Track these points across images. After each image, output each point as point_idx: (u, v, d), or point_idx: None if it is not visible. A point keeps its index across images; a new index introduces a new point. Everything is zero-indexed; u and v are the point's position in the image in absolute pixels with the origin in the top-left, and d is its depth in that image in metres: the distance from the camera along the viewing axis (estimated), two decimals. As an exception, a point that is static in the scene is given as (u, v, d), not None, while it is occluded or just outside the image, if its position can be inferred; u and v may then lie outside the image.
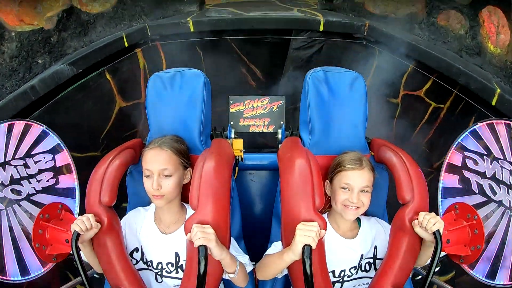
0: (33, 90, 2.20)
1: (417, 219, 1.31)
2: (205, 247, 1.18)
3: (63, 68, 2.31)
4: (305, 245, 1.18)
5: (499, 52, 2.44)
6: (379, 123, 2.78)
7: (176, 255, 1.42)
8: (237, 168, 1.84)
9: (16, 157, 1.65)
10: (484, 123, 1.73)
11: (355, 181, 1.36)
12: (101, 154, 2.61)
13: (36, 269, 1.63)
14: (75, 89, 2.42)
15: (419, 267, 1.52)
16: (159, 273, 1.44)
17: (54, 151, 1.74)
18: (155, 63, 2.82)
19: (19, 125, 1.67)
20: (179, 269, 1.42)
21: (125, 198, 1.63)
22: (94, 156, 2.57)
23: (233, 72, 2.98)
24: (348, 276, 1.45)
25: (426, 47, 2.57)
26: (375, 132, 2.74)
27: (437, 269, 1.28)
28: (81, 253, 1.35)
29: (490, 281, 1.64)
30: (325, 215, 1.50)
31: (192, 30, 2.71)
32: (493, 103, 2.30)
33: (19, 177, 1.64)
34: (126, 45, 2.62)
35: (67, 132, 2.19)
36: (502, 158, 1.68)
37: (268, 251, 1.43)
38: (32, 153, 1.69)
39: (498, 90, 2.28)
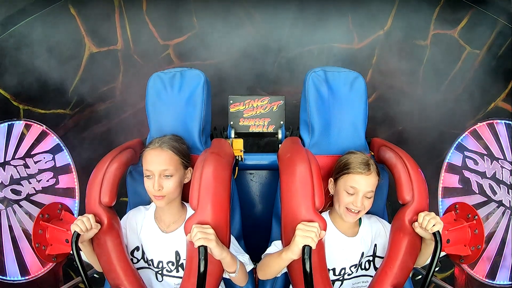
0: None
1: (417, 220, 1.31)
2: (205, 247, 1.18)
3: None
4: (305, 245, 1.18)
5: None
6: (403, 73, 2.49)
7: (177, 253, 1.42)
8: (237, 168, 1.84)
9: (16, 157, 1.65)
10: (484, 123, 1.74)
11: (361, 186, 1.35)
12: (71, 112, 2.33)
13: (36, 269, 1.64)
14: (31, 24, 2.06)
15: (419, 267, 1.52)
16: (160, 272, 1.44)
17: (54, 151, 1.75)
18: (133, 1, 2.40)
19: (19, 125, 1.68)
20: (179, 268, 1.42)
21: (124, 192, 1.62)
22: (63, 114, 2.25)
23: (228, 17, 2.54)
24: (348, 274, 1.45)
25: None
26: (399, 85, 2.46)
27: (437, 269, 1.28)
28: (81, 253, 1.35)
29: (490, 281, 1.65)
30: (326, 213, 1.50)
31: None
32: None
33: (19, 177, 1.65)
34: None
35: (22, 78, 1.98)
36: (502, 158, 1.68)
37: (268, 250, 1.43)
38: (32, 153, 1.69)
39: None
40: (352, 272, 1.45)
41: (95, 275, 1.56)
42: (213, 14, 2.48)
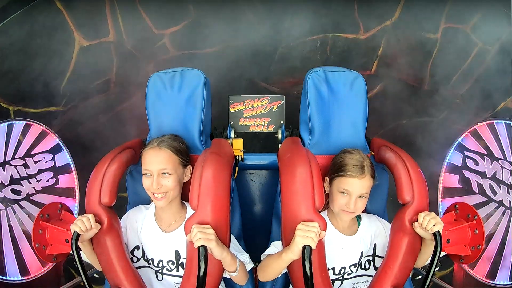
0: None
1: (417, 220, 1.31)
2: (205, 247, 1.18)
3: None
4: (305, 245, 1.18)
5: None
6: (410, 66, 2.41)
7: (177, 253, 1.42)
8: (237, 168, 1.84)
9: (16, 157, 1.65)
10: (484, 123, 1.74)
11: (355, 189, 1.35)
12: (64, 109, 2.30)
13: (36, 269, 1.64)
14: (16, 20, 2.01)
15: (419, 267, 1.52)
16: (160, 271, 1.44)
17: (54, 151, 1.75)
18: None
19: (19, 125, 1.68)
20: (179, 267, 1.43)
21: (125, 201, 1.63)
22: (56, 111, 2.20)
23: (226, 3, 2.43)
24: (348, 274, 1.45)
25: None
26: (405, 78, 2.38)
27: (437, 269, 1.28)
28: (81, 252, 1.35)
29: (490, 281, 1.65)
30: (324, 212, 1.50)
31: None
32: None
33: (19, 177, 1.65)
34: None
35: (9, 78, 1.96)
36: (502, 158, 1.68)
37: (268, 251, 1.43)
38: (32, 153, 1.69)
39: None
40: (352, 272, 1.45)
41: (95, 275, 1.56)
42: (212, 0, 2.38)
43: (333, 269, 1.43)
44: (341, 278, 1.44)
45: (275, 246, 1.42)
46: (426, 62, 2.43)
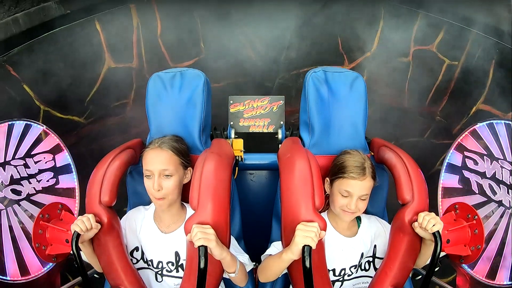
0: (15, 23, 2.03)
1: (416, 220, 1.31)
2: (205, 247, 1.18)
3: (51, 5, 2.16)
4: (305, 245, 1.18)
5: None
6: (391, 90, 2.63)
7: (176, 254, 1.42)
8: (237, 168, 1.84)
9: (16, 157, 1.65)
10: (484, 123, 1.74)
11: (356, 190, 1.35)
12: (85, 121, 2.49)
13: (36, 269, 1.64)
14: (61, 33, 2.26)
15: (419, 267, 1.52)
16: (159, 272, 1.44)
17: (54, 151, 1.75)
18: (149, 25, 2.62)
19: (19, 125, 1.68)
20: (179, 268, 1.43)
21: (125, 203, 1.63)
22: (77, 122, 2.40)
23: (232, 45, 2.75)
24: (348, 275, 1.45)
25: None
26: (387, 101, 2.69)
27: (437, 269, 1.28)
28: (81, 253, 1.35)
29: (490, 281, 1.65)
30: (324, 214, 1.50)
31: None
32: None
33: (19, 177, 1.65)
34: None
35: (47, 80, 2.17)
36: (502, 158, 1.68)
37: (268, 251, 1.43)
38: (32, 153, 1.69)
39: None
40: (352, 273, 1.45)
41: (95, 275, 1.56)
42: (219, 41, 2.70)
43: (333, 270, 1.43)
44: (341, 279, 1.45)
45: (275, 247, 1.42)
46: (403, 85, 2.69)
